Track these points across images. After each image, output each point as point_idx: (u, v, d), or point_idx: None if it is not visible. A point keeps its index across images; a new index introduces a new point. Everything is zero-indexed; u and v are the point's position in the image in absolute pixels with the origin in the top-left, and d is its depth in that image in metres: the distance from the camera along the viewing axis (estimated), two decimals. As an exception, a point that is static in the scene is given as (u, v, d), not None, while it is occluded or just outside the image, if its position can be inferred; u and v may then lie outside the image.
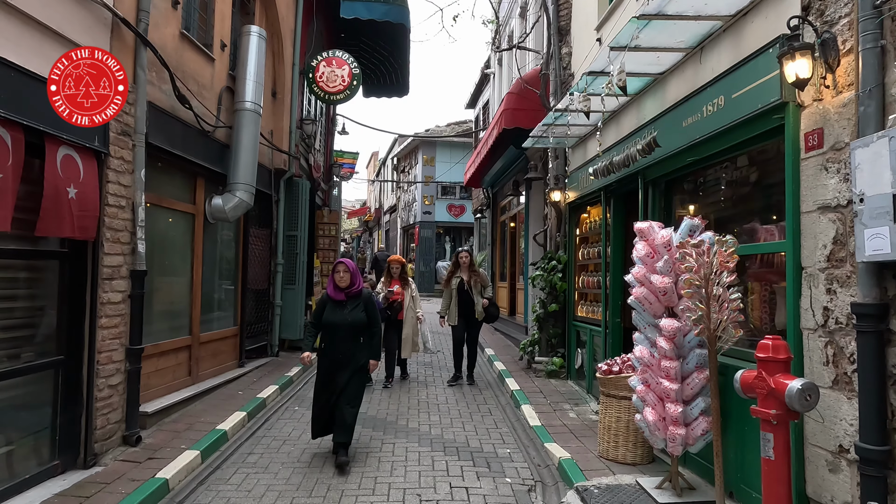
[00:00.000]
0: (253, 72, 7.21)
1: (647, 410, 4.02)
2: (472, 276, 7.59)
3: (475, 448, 5.22)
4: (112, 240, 4.65)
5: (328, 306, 4.84)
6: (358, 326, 4.78)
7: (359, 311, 4.80)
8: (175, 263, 6.21)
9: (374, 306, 4.95)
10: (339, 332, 4.74)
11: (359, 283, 4.88)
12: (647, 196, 5.42)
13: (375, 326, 4.92)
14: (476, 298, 7.51)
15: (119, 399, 4.76)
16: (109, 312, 4.62)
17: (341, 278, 4.81)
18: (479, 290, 7.54)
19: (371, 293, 4.84)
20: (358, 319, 4.77)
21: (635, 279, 4.07)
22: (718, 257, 3.43)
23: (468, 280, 7.55)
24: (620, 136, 5.91)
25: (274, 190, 8.82)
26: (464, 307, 7.54)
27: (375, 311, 4.95)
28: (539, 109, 8.25)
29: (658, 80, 5.11)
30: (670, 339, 3.86)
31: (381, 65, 13.02)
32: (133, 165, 4.91)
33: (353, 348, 4.75)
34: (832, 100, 3.06)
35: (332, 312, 4.80)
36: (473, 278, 7.57)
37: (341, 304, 4.80)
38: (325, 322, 4.80)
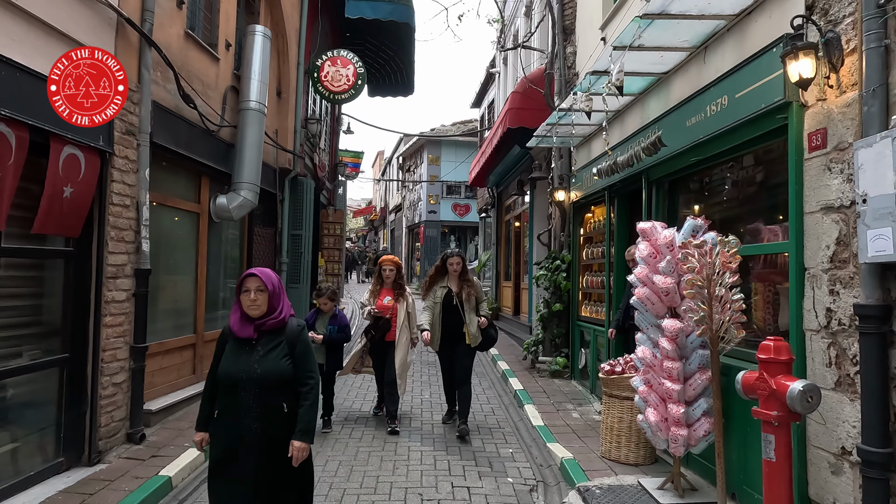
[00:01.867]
0: (258, 71, 7.23)
1: (650, 411, 4.01)
2: (463, 286, 5.63)
3: (477, 448, 5.22)
4: (116, 238, 4.67)
5: (228, 347, 2.78)
6: (274, 383, 2.71)
7: (278, 356, 2.74)
8: (180, 262, 6.23)
9: (306, 347, 2.85)
10: (242, 393, 2.69)
11: (282, 310, 2.82)
12: (651, 196, 5.41)
13: (308, 383, 2.80)
14: (468, 317, 5.57)
15: (123, 397, 4.79)
16: (114, 311, 4.65)
17: (252, 301, 2.73)
18: (472, 306, 5.64)
19: (303, 327, 2.87)
20: (274, 371, 2.71)
21: (638, 279, 4.06)
22: (721, 258, 3.41)
23: (458, 292, 5.61)
24: (625, 135, 5.89)
25: (278, 189, 8.85)
26: (450, 328, 5.60)
27: (309, 356, 2.85)
28: (544, 109, 8.24)
29: (662, 79, 5.09)
30: (673, 339, 3.85)
31: (387, 64, 13.03)
32: (137, 164, 4.93)
33: (265, 423, 2.70)
34: (836, 99, 3.04)
35: (232, 358, 2.74)
36: (466, 290, 5.61)
37: (248, 344, 2.74)
38: (220, 375, 2.75)
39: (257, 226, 8.26)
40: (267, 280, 2.75)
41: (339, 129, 14.26)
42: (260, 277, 2.74)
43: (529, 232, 10.73)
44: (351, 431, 5.66)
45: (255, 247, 8.13)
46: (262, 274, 2.77)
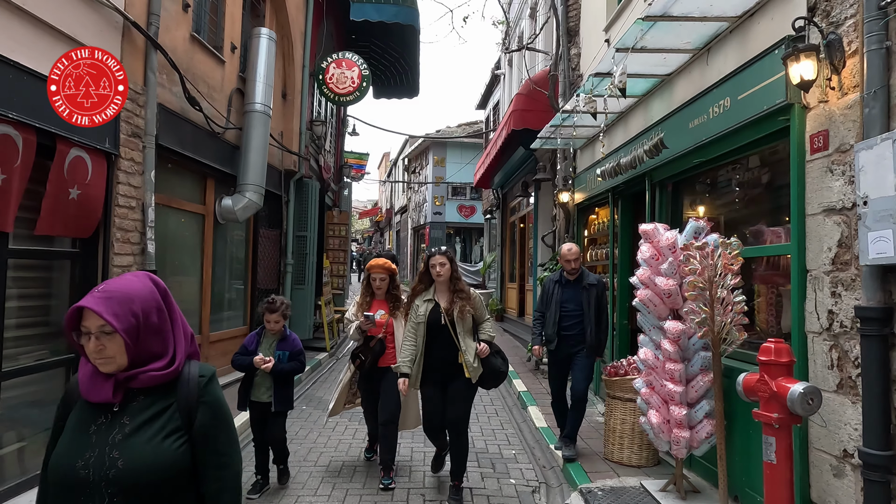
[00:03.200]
0: (263, 73, 7.28)
1: (652, 413, 4.01)
2: (455, 299, 4.04)
3: (480, 449, 5.23)
4: (122, 240, 4.72)
5: (71, 420, 1.51)
6: (148, 486, 1.42)
7: (157, 435, 1.46)
8: (185, 263, 6.28)
9: (215, 413, 1.54)
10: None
11: (171, 352, 1.55)
12: (654, 197, 5.40)
13: (221, 477, 1.54)
14: (464, 342, 3.98)
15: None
16: (119, 311, 4.68)
17: (95, 351, 1.44)
18: (468, 327, 4.03)
19: (209, 378, 1.56)
20: (149, 463, 1.43)
21: (640, 281, 4.06)
22: (723, 259, 3.41)
23: (448, 308, 4.02)
24: (628, 137, 5.89)
25: (284, 191, 8.89)
26: (439, 359, 4.02)
27: (222, 428, 1.55)
28: (548, 110, 8.24)
29: (665, 81, 5.09)
30: (675, 341, 3.85)
31: (392, 66, 13.06)
32: (143, 167, 4.98)
33: None
34: (837, 101, 3.03)
35: (74, 440, 1.47)
36: (459, 304, 4.01)
37: (105, 414, 1.49)
38: (50, 470, 1.46)
39: (262, 227, 8.31)
40: (114, 313, 1.42)
41: (345, 130, 14.31)
42: (96, 312, 1.41)
43: (534, 233, 10.73)
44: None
45: (261, 248, 8.17)
46: (105, 302, 1.43)
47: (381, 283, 4.52)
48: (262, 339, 4.22)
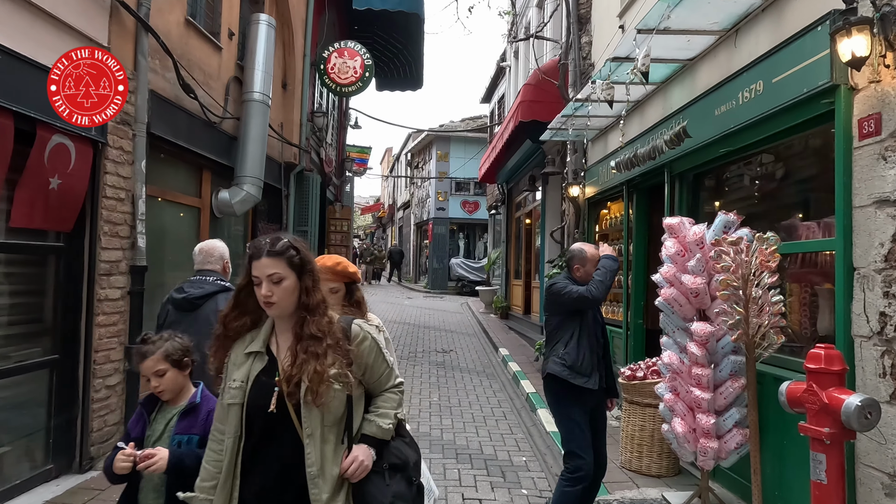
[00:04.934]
0: (262, 61, 6.98)
1: (676, 421, 3.73)
2: (308, 352, 1.77)
3: (489, 455, 4.96)
4: (110, 234, 4.44)
5: None
6: None
7: None
8: (180, 259, 5.99)
9: None
10: None
11: None
12: (674, 190, 5.11)
13: None
14: (318, 453, 1.74)
15: (118, 400, 4.56)
16: (107, 310, 4.41)
17: None
18: (332, 418, 1.78)
19: None
20: None
21: (664, 279, 3.77)
22: (759, 256, 3.12)
23: (289, 374, 1.76)
24: (645, 127, 5.60)
25: (284, 184, 8.60)
26: (268, 483, 1.79)
27: None
28: (557, 101, 7.94)
29: (687, 66, 4.79)
30: (702, 344, 3.56)
31: (395, 57, 12.76)
32: (133, 156, 4.70)
33: None
34: (892, 81, 2.74)
35: None
36: (310, 368, 1.74)
37: None
38: None
39: (262, 222, 8.02)
40: None
41: (347, 123, 14.02)
42: None
43: (541, 229, 10.44)
44: None
45: (260, 243, 7.88)
46: None
47: (331, 295, 2.48)
48: (157, 415, 2.34)
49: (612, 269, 3.42)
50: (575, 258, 3.55)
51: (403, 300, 19.22)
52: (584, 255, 3.51)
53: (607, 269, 3.40)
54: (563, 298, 3.43)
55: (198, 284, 3.22)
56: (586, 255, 3.51)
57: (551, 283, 3.55)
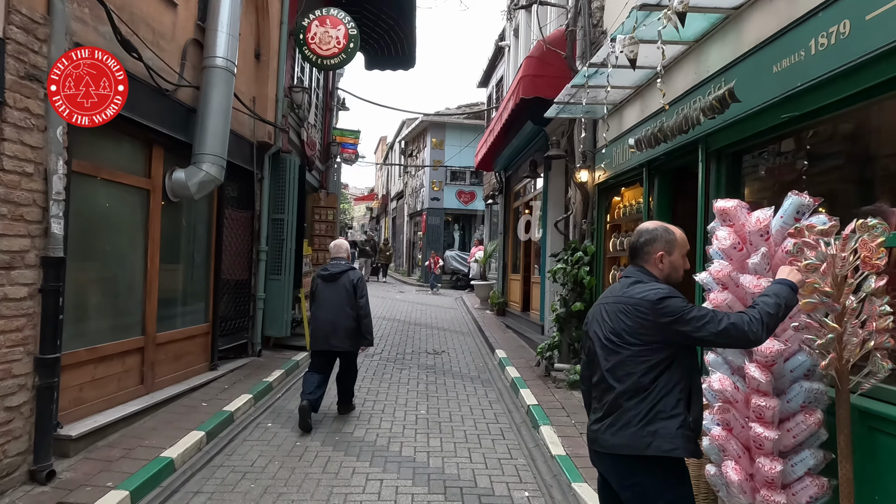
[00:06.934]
0: (226, 23, 6.04)
1: (728, 465, 2.87)
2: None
3: (484, 490, 4.10)
4: (11, 217, 3.54)
5: None
6: None
7: None
8: (121, 249, 5.10)
9: None
10: None
11: None
12: (709, 170, 4.25)
13: None
14: None
15: (23, 424, 3.67)
16: (6, 312, 3.52)
17: None
18: None
19: None
20: None
21: (715, 280, 2.91)
22: (862, 251, 2.25)
23: None
24: (673, 96, 4.71)
25: (256, 166, 7.68)
26: None
27: None
28: (563, 76, 7.05)
29: (731, 17, 3.91)
30: (767, 367, 2.70)
31: (386, 34, 11.80)
32: (46, 121, 3.79)
33: None
34: None
35: None
36: None
37: None
38: None
39: (230, 208, 7.11)
40: None
41: (334, 105, 13.08)
42: None
43: (543, 219, 9.56)
44: None
45: (227, 232, 6.98)
46: None
47: None
48: None
49: (789, 303, 2.25)
50: (658, 240, 2.35)
51: (395, 294, 18.34)
52: (673, 238, 2.37)
53: (781, 301, 2.22)
54: (689, 326, 2.17)
55: (335, 265, 5.55)
56: (675, 238, 2.38)
57: (659, 297, 2.21)
